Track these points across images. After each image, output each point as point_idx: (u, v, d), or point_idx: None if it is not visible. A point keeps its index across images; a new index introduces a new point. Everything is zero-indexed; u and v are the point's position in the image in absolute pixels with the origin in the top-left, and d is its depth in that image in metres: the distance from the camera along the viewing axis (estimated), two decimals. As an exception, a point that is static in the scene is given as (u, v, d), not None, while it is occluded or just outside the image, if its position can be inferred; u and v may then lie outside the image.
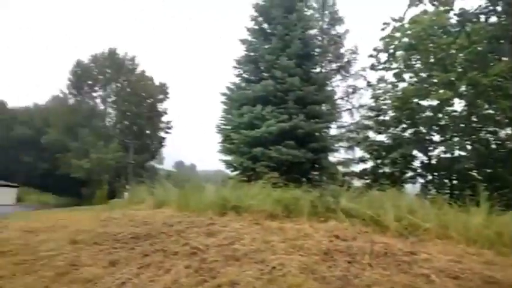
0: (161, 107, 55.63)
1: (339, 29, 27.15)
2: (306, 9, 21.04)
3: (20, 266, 5.44)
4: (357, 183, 17.33)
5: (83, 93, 50.87)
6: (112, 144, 45.15)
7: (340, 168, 21.83)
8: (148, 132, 53.20)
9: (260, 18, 18.63)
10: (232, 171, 16.90)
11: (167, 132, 57.64)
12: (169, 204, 10.79)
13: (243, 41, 18.41)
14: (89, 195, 47.29)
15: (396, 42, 16.64)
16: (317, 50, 20.91)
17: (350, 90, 26.50)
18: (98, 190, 47.11)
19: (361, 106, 24.77)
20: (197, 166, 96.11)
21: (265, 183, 9.00)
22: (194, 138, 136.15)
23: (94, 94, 52.28)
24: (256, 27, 18.62)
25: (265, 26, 18.64)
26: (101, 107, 52.64)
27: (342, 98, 26.63)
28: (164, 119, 56.11)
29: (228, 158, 16.72)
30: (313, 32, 21.36)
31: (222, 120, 17.71)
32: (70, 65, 52.13)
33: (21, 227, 11.66)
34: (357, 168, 21.06)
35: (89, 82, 50.69)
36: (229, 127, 17.12)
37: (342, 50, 27.05)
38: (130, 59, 52.22)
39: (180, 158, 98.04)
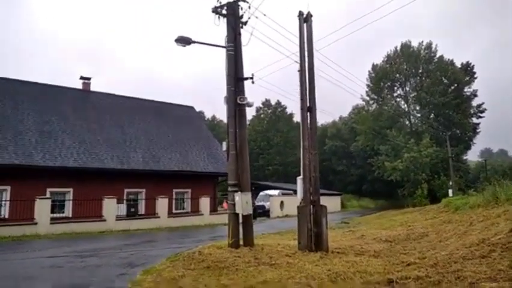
0: (468, 90, 49.56)
1: None
2: None
3: None
4: None
5: (383, 96, 50.96)
6: (423, 140, 42.70)
7: None
8: (458, 121, 47.65)
9: None
10: None
11: (479, 117, 50.90)
12: None
13: None
14: (405, 196, 45.84)
15: None
16: None
17: None
18: (417, 189, 45.10)
19: None
20: (509, 152, 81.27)
21: None
22: (501, 117, 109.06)
23: (395, 94, 51.64)
24: None
25: None
26: (404, 105, 51.31)
27: None
28: (474, 102, 50.13)
29: None
30: None
31: None
32: (365, 71, 53.31)
33: (375, 236, 11.00)
34: None
35: (388, 84, 50.33)
36: None
37: None
38: (425, 48, 48.67)
39: (486, 145, 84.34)
